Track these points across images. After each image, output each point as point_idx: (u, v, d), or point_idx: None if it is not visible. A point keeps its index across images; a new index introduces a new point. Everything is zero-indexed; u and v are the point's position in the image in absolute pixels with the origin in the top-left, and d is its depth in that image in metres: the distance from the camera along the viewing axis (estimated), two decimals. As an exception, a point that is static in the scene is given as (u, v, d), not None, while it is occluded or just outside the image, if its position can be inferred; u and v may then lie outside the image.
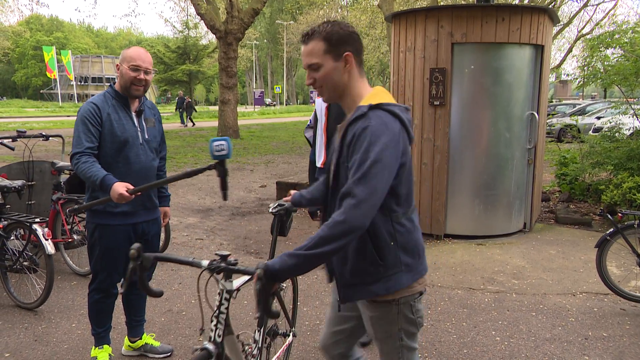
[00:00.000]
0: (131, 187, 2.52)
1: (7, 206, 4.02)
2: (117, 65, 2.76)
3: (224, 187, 2.18)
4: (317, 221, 2.89)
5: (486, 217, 5.50)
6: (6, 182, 3.99)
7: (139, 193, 2.59)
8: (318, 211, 2.83)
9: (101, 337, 2.97)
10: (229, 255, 1.79)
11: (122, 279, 2.90)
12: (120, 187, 2.52)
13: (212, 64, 49.89)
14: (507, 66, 5.30)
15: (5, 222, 3.84)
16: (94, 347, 2.99)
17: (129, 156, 2.74)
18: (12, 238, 3.84)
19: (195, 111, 28.61)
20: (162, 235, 5.21)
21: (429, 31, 5.35)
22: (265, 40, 63.88)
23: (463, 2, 21.66)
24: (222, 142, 2.00)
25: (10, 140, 4.47)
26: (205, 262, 1.76)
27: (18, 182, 4.02)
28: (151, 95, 77.52)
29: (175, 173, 10.47)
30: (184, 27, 45.88)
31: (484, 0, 5.36)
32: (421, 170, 5.61)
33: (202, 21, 17.57)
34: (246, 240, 5.91)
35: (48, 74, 39.76)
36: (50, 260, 3.67)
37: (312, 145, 3.63)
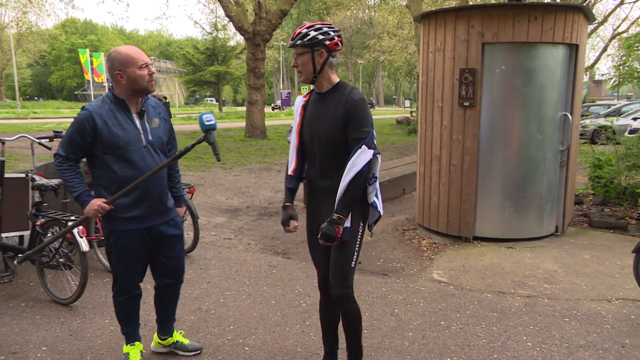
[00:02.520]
0: (100, 201, 2.65)
1: (45, 204, 4.14)
2: (117, 72, 2.65)
3: (216, 151, 2.67)
4: (290, 231, 2.79)
5: (516, 219, 5.40)
6: (44, 181, 4.12)
7: (117, 200, 2.67)
8: (291, 220, 2.77)
9: (131, 335, 3.02)
10: None
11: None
12: (97, 201, 2.65)
13: (240, 65, 50.39)
14: (540, 66, 5.20)
15: (43, 220, 3.96)
16: (125, 344, 3.04)
17: (134, 160, 2.68)
18: (48, 235, 3.96)
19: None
20: (191, 235, 5.30)
21: (459, 31, 5.28)
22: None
23: (494, 2, 21.31)
24: (210, 114, 2.66)
25: (48, 140, 4.60)
26: None
27: (55, 181, 4.15)
28: (180, 96, 78.80)
29: (200, 172, 10.61)
30: (213, 28, 46.42)
31: (515, -1, 5.27)
32: (450, 172, 5.54)
33: (231, 23, 17.78)
34: (274, 241, 5.95)
35: (85, 76, 40.83)
36: (84, 257, 3.77)
37: None
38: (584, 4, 7.50)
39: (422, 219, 6.04)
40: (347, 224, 2.53)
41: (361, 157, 2.44)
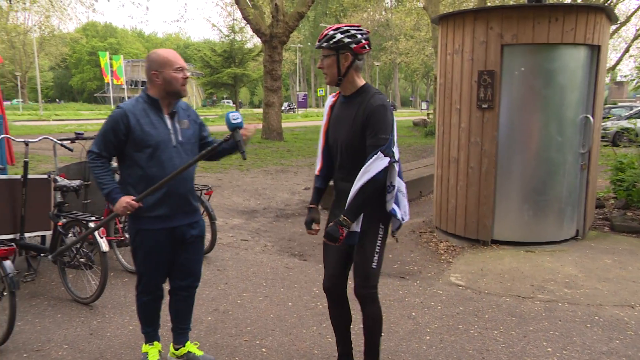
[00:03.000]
0: (129, 198, 2.68)
1: (66, 205, 4.21)
2: (154, 72, 2.71)
3: (241, 149, 2.69)
4: (311, 233, 2.84)
5: (536, 223, 5.33)
6: (65, 182, 4.19)
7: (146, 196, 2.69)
8: (313, 223, 2.81)
9: (150, 335, 3.04)
10: None
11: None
12: (126, 198, 2.68)
13: (257, 67, 50.56)
14: (560, 68, 5.13)
15: (64, 220, 4.03)
16: (144, 343, 3.07)
17: (163, 160, 2.72)
18: (70, 235, 4.02)
19: None
20: (209, 236, 5.33)
21: (477, 33, 5.24)
22: (309, 44, 64.38)
23: (513, 3, 21.09)
24: (237, 113, 2.71)
25: (69, 141, 4.68)
26: None
27: (76, 182, 4.21)
28: (197, 98, 79.48)
29: (217, 174, 10.68)
30: (230, 31, 46.72)
31: (535, 0, 5.20)
32: (468, 174, 5.49)
33: (248, 25, 17.89)
34: (290, 242, 5.96)
35: (105, 79, 41.55)
36: (104, 258, 3.82)
37: None
38: (606, 4, 7.36)
39: (439, 222, 6.00)
40: (356, 228, 2.55)
41: (375, 164, 2.42)
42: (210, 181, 9.63)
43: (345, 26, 2.52)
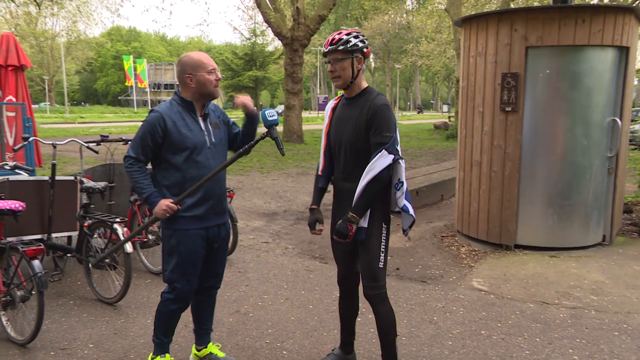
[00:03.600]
0: (168, 201, 2.68)
1: (92, 206, 4.29)
2: (187, 75, 2.72)
3: (279, 146, 2.68)
4: (315, 233, 2.93)
5: (561, 228, 5.23)
6: (91, 184, 4.27)
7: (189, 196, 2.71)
8: (317, 223, 2.89)
9: (165, 346, 2.95)
10: None
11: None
12: (165, 201, 2.69)
13: (278, 70, 50.86)
14: (587, 70, 5.03)
15: (90, 221, 4.10)
16: (152, 354, 2.96)
17: (199, 160, 2.75)
18: (95, 236, 4.09)
19: None
20: (230, 238, 5.36)
21: (501, 35, 5.18)
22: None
23: (537, 4, 20.80)
24: (272, 110, 2.68)
25: (95, 144, 4.77)
26: None
27: (101, 184, 4.29)
28: (218, 100, 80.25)
29: (238, 176, 10.76)
30: (252, 34, 47.12)
31: (561, 1, 5.12)
32: (491, 178, 5.43)
33: (270, 28, 18.01)
34: (311, 245, 5.96)
35: (127, 82, 42.32)
36: (128, 259, 3.87)
37: None
38: (635, 5, 7.20)
39: (461, 226, 5.93)
40: (364, 224, 2.64)
41: (380, 162, 2.52)
42: (231, 183, 9.70)
43: (354, 32, 2.64)
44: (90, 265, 3.18)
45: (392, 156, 2.53)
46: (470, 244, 5.74)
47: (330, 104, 2.88)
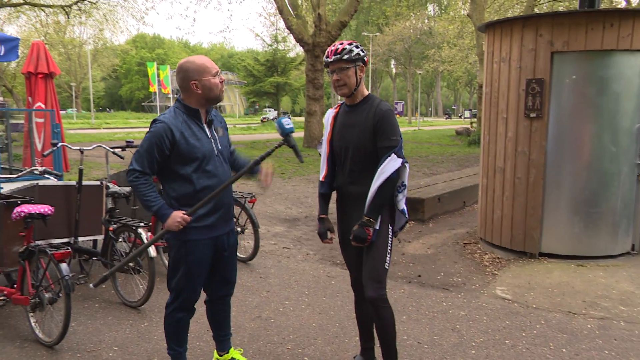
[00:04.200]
0: (181, 213, 2.62)
1: (117, 210, 4.36)
2: (193, 82, 2.64)
3: (298, 154, 2.71)
4: (327, 242, 3.02)
5: (587, 236, 5.12)
6: (117, 189, 4.34)
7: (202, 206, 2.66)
8: (328, 232, 2.97)
9: (182, 356, 2.91)
10: None
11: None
12: (178, 213, 2.61)
13: (299, 76, 51.13)
14: (615, 75, 4.93)
15: (115, 226, 4.17)
16: None
17: (209, 170, 2.69)
18: (120, 240, 4.16)
19: None
20: (252, 243, 5.40)
21: (526, 40, 5.11)
22: (350, 52, 64.35)
23: (562, 9, 20.50)
24: (288, 119, 2.70)
25: (120, 149, 4.85)
26: None
27: (126, 189, 4.36)
28: (240, 106, 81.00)
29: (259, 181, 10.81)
30: (273, 40, 47.47)
31: (588, 6, 5.03)
32: (514, 185, 5.35)
33: (291, 35, 18.12)
34: (332, 251, 5.95)
35: (150, 88, 43.03)
36: (152, 263, 3.93)
37: None
38: (663, 9, 7.01)
39: (484, 233, 5.86)
40: (376, 226, 2.72)
41: (390, 165, 2.62)
42: (253, 189, 9.75)
43: (352, 42, 2.75)
44: (92, 285, 3.11)
45: (400, 160, 2.65)
46: (493, 251, 5.66)
47: (331, 112, 2.95)
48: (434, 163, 15.02)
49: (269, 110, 60.90)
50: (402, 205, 2.77)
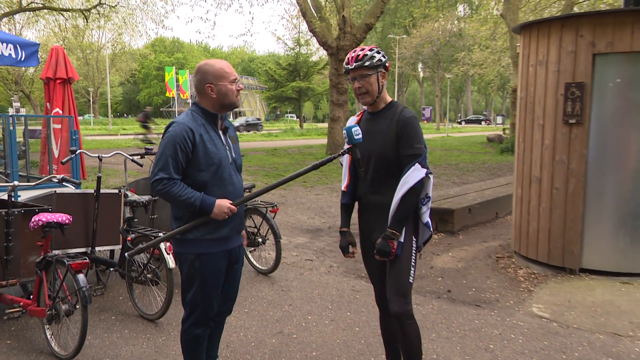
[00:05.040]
0: (228, 202, 2.64)
1: (135, 220, 4.42)
2: (208, 85, 2.66)
3: (360, 166, 2.64)
4: (349, 257, 3.02)
5: (634, 251, 4.98)
6: (135, 197, 4.41)
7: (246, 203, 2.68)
8: (350, 246, 2.96)
9: None
10: None
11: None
12: (225, 202, 2.62)
13: (322, 81, 51.36)
14: (662, 78, 4.80)
15: (133, 235, 4.22)
16: None
17: (224, 177, 2.69)
18: (138, 250, 4.20)
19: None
20: (273, 255, 5.41)
21: (565, 42, 5.03)
22: (376, 56, 64.36)
23: (604, 8, 20.16)
24: (358, 127, 2.63)
25: (139, 157, 4.93)
26: None
27: (145, 197, 4.42)
28: (260, 112, 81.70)
29: (281, 190, 10.84)
30: (296, 44, 47.84)
31: (634, 4, 4.92)
32: (552, 195, 5.24)
33: (314, 38, 18.22)
34: (357, 264, 5.91)
35: (167, 93, 43.79)
36: (170, 274, 3.96)
37: None
38: None
39: (518, 246, 5.75)
40: (401, 238, 2.72)
41: (413, 175, 2.63)
42: (274, 198, 9.79)
43: (374, 47, 2.78)
44: (126, 254, 3.09)
45: (425, 170, 2.66)
46: (529, 266, 5.55)
47: (353, 120, 2.96)
48: (464, 172, 14.87)
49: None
50: (427, 218, 2.77)
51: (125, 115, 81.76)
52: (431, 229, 2.84)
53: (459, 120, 77.04)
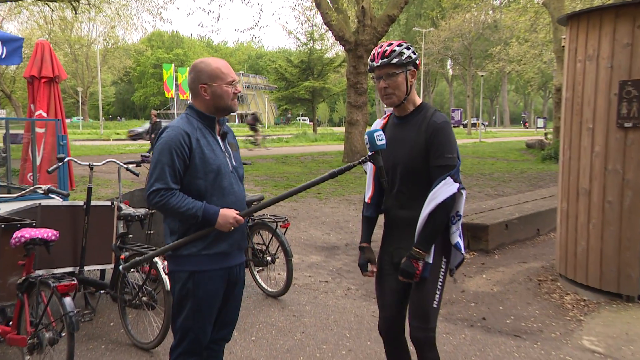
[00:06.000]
0: (234, 212, 2.66)
1: (130, 236, 4.44)
2: (202, 86, 2.72)
3: (383, 175, 2.61)
4: (367, 276, 3.00)
5: (699, 275, 4.88)
6: (130, 210, 4.43)
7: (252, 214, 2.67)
8: (369, 264, 2.96)
9: None
10: None
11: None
12: (231, 211, 2.63)
13: (338, 80, 51.56)
14: None
15: (127, 253, 4.24)
16: None
17: (224, 187, 2.72)
18: (132, 270, 4.22)
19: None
20: (283, 275, 5.40)
21: (619, 33, 4.98)
22: (399, 51, 64.50)
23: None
24: (381, 132, 2.61)
25: (135, 165, 4.96)
26: None
27: (141, 211, 4.44)
28: (269, 115, 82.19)
29: (292, 202, 10.84)
30: (309, 39, 48.14)
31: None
32: (604, 210, 5.17)
33: (330, 32, 18.33)
34: (378, 287, 5.89)
35: (166, 94, 44.29)
36: (168, 297, 3.94)
37: None
38: None
39: (564, 269, 5.67)
40: (429, 259, 2.71)
41: (444, 189, 2.62)
42: (284, 211, 9.81)
43: (403, 42, 2.76)
44: (120, 267, 3.08)
45: (457, 185, 2.64)
46: (577, 291, 5.47)
47: (378, 123, 2.96)
48: (499, 182, 14.78)
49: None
50: (457, 239, 2.76)
51: (118, 118, 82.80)
52: (463, 252, 2.82)
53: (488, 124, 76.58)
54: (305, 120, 76.91)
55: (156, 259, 3.97)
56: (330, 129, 63.05)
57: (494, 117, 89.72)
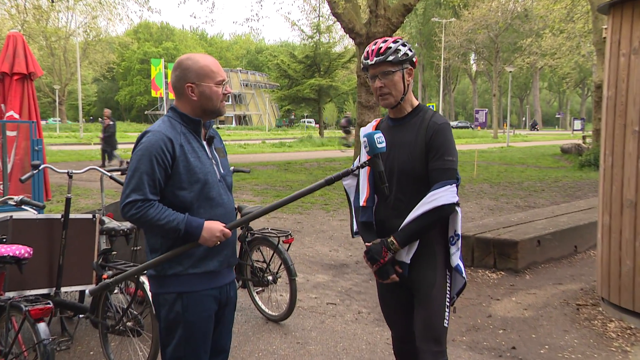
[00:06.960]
0: (221, 225, 2.67)
1: (113, 252, 4.44)
2: (188, 85, 2.72)
3: (384, 181, 2.67)
4: (393, 279, 3.03)
5: None
6: (114, 224, 4.43)
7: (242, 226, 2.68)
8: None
9: None
10: None
11: None
12: (216, 224, 2.65)
13: (347, 77, 51.75)
14: None
15: (110, 272, 4.23)
16: None
17: (212, 197, 2.73)
18: (115, 291, 4.21)
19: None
20: (286, 297, 5.39)
21: (667, 24, 4.99)
22: (416, 45, 65.00)
23: None
24: (380, 134, 2.67)
25: (120, 173, 4.97)
26: None
27: (126, 224, 4.44)
28: (271, 116, 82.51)
29: (296, 214, 10.85)
30: (315, 31, 48.32)
31: None
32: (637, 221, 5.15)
33: (338, 23, 18.38)
34: (394, 312, 5.87)
35: (153, 92, 44.53)
36: (156, 322, 3.94)
37: None
38: None
39: (607, 292, 5.65)
40: (406, 259, 2.84)
41: (446, 195, 2.73)
42: (288, 224, 9.82)
43: (398, 39, 2.87)
44: (87, 292, 3.08)
45: (457, 197, 2.78)
46: (622, 318, 5.44)
47: (367, 129, 3.02)
48: (530, 192, 14.77)
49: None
50: (457, 261, 2.84)
51: (100, 119, 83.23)
52: (464, 276, 2.91)
53: (533, 126, 76.53)
54: (310, 122, 77.09)
55: (143, 279, 3.97)
56: (339, 132, 63.16)
57: (523, 119, 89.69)
